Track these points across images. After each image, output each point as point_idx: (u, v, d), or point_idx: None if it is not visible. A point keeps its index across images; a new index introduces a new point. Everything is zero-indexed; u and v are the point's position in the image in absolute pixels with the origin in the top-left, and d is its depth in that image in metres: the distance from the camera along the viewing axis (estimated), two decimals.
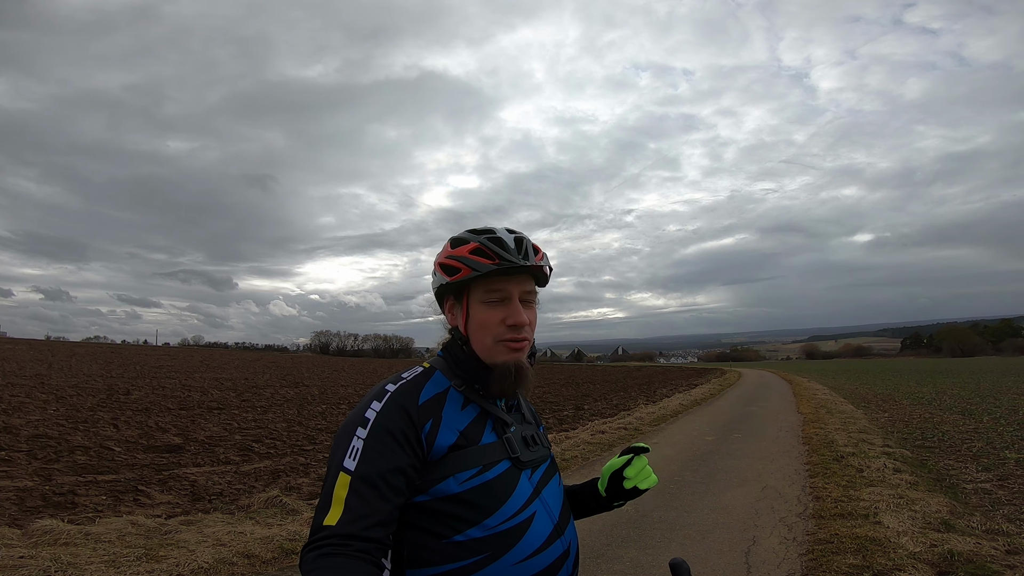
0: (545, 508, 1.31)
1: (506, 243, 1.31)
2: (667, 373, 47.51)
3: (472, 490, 1.23)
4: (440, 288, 1.37)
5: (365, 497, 1.13)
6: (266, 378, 31.58)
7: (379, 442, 1.18)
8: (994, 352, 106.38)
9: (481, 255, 1.30)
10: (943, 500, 6.09)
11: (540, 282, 1.40)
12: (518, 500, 1.26)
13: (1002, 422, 12.24)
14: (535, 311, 1.38)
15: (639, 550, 4.90)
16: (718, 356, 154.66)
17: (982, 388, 22.27)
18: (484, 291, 1.31)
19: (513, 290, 1.32)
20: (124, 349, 73.04)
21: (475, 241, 1.32)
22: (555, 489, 1.37)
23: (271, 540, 4.96)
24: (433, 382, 1.32)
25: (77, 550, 4.51)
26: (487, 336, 1.31)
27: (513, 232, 1.36)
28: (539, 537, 1.26)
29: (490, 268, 1.28)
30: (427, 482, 1.22)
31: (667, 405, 17.74)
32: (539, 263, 1.34)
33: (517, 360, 1.31)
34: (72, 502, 6.28)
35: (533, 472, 1.34)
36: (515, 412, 1.41)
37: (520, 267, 1.30)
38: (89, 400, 16.62)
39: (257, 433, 11.84)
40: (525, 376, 1.32)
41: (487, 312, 1.31)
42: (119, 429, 11.55)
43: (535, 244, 1.37)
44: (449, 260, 1.33)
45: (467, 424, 1.29)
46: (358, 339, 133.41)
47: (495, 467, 1.27)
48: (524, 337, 1.32)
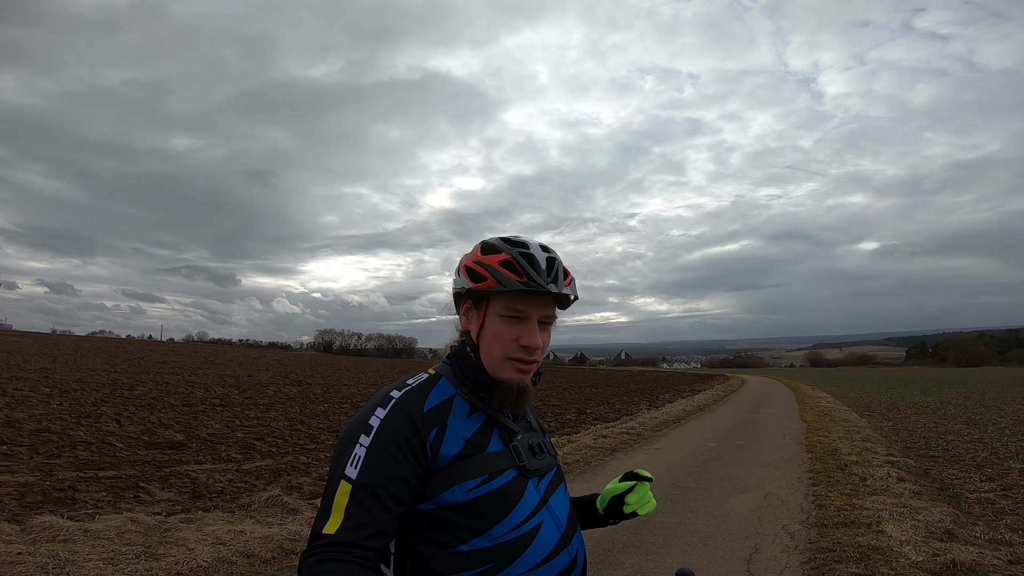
0: (552, 517, 1.29)
1: (538, 263, 1.27)
2: (670, 378, 47.38)
3: (478, 499, 1.20)
4: (463, 291, 1.33)
5: (366, 506, 1.12)
6: (269, 376, 31.65)
7: (382, 450, 1.16)
8: (1000, 362, 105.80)
9: (511, 270, 1.25)
10: (946, 510, 6.04)
11: (562, 305, 1.36)
12: (525, 509, 1.24)
13: (1007, 432, 12.16)
14: (550, 334, 1.35)
15: (641, 556, 4.87)
16: (722, 362, 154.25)
17: (987, 398, 22.13)
18: (504, 306, 1.28)
19: (534, 312, 1.28)
20: (129, 344, 73.38)
21: (507, 253, 1.27)
22: (562, 498, 1.35)
23: (271, 539, 4.95)
24: (439, 389, 1.29)
25: (76, 547, 4.50)
26: (497, 350, 1.28)
27: (547, 251, 1.31)
28: (546, 546, 1.24)
29: (517, 287, 1.24)
30: (432, 490, 1.19)
31: (670, 410, 17.69)
32: (566, 290, 1.30)
33: (522, 381, 1.29)
34: (72, 498, 6.29)
35: (540, 481, 1.32)
36: (521, 421, 1.38)
37: (547, 292, 1.26)
38: (93, 395, 16.68)
39: (259, 431, 11.85)
40: (526, 397, 1.30)
41: (503, 327, 1.28)
42: (121, 425, 11.58)
43: (566, 268, 1.33)
44: (476, 266, 1.29)
45: (473, 432, 1.26)
46: (361, 338, 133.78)
47: (501, 475, 1.25)
48: (534, 360, 1.30)
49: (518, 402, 1.29)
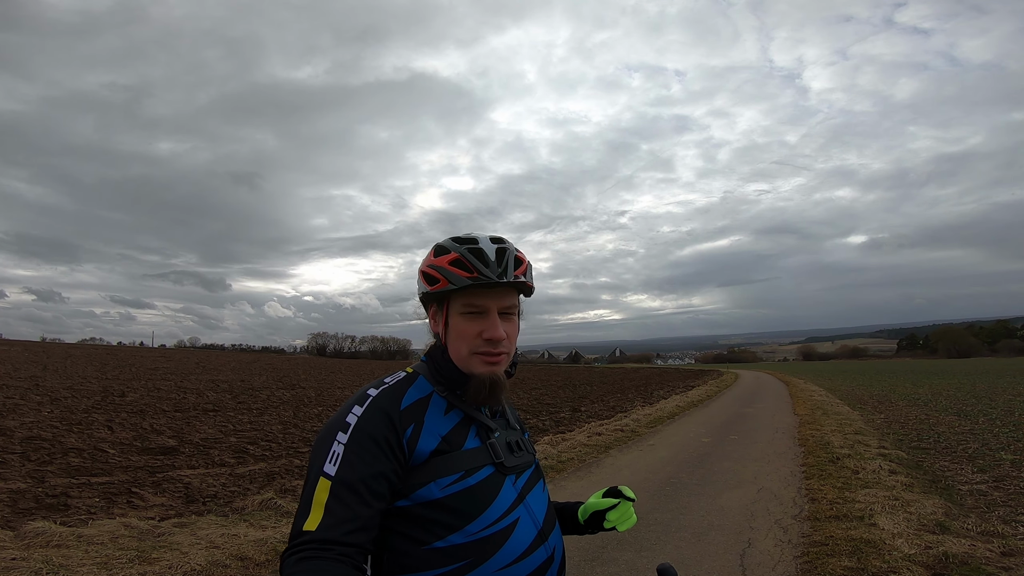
0: (529, 514, 1.30)
1: (487, 256, 1.29)
2: (664, 375, 47.54)
3: (454, 495, 1.22)
4: (422, 296, 1.38)
5: (346, 502, 1.13)
6: (262, 380, 31.49)
7: (360, 447, 1.18)
8: (990, 353, 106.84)
9: (460, 267, 1.29)
10: (938, 502, 6.09)
11: (525, 292, 1.38)
12: (501, 505, 1.26)
13: (998, 423, 12.27)
14: (515, 324, 1.37)
15: (634, 552, 4.89)
16: (715, 357, 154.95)
17: (977, 389, 22.33)
18: (463, 303, 1.31)
19: (492, 305, 1.30)
20: (120, 351, 72.77)
21: (456, 252, 1.31)
22: (540, 495, 1.37)
23: (265, 542, 4.94)
24: (416, 387, 1.31)
25: (69, 552, 4.48)
26: (463, 347, 1.31)
27: (498, 242, 1.33)
28: (522, 543, 1.26)
29: (467, 283, 1.27)
30: (409, 487, 1.21)
31: (664, 407, 17.74)
32: (518, 278, 1.31)
33: (493, 373, 1.31)
34: (65, 504, 6.25)
35: (517, 478, 1.33)
36: (499, 418, 1.40)
37: (497, 283, 1.29)
38: (84, 402, 16.54)
39: (252, 435, 11.79)
40: (499, 389, 1.32)
41: (464, 324, 1.31)
42: (113, 431, 11.49)
43: (519, 255, 1.35)
44: (430, 269, 1.33)
45: (450, 429, 1.28)
46: (355, 341, 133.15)
47: (478, 472, 1.27)
48: (500, 351, 1.32)
49: (492, 395, 1.31)
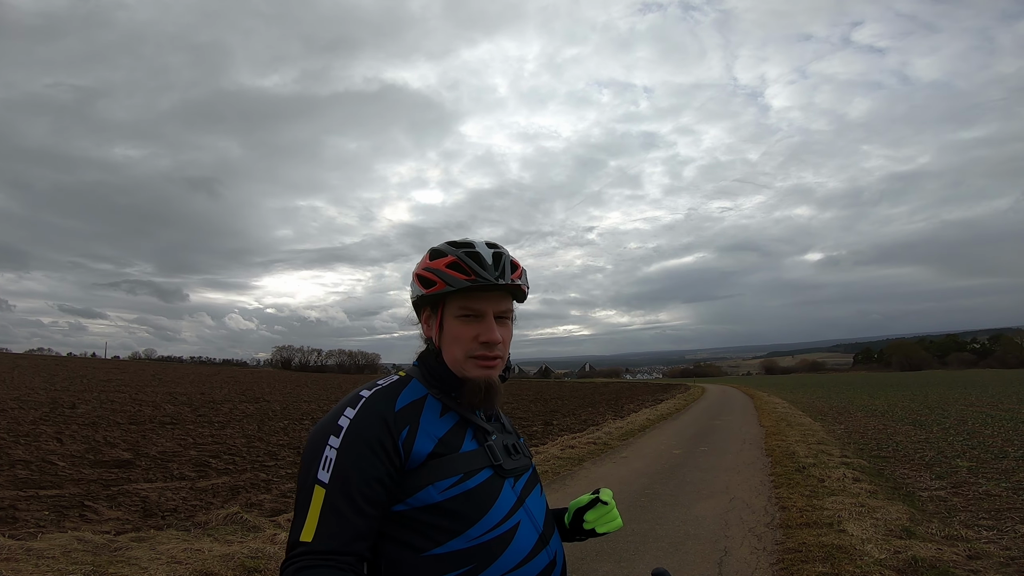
0: (530, 517, 1.27)
1: (484, 259, 1.29)
2: (634, 389, 47.96)
3: (453, 499, 1.18)
4: (417, 299, 1.36)
5: (341, 511, 1.09)
6: (224, 393, 30.51)
7: (354, 451, 1.14)
8: (940, 366, 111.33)
9: (457, 270, 1.27)
10: (902, 508, 6.26)
11: (518, 298, 1.38)
12: (501, 509, 1.22)
13: (951, 432, 12.76)
14: (510, 328, 1.36)
15: (614, 563, 4.86)
16: (682, 372, 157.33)
17: (930, 400, 23.22)
18: (459, 306, 1.29)
19: (488, 308, 1.29)
20: (70, 362, 69.61)
21: (453, 255, 1.29)
22: (538, 499, 1.34)
23: (232, 557, 4.72)
24: (410, 389, 1.28)
25: (19, 565, 4.21)
26: (459, 350, 1.29)
27: (493, 247, 1.33)
28: (524, 547, 1.22)
29: (464, 284, 1.26)
30: (405, 491, 1.17)
31: (635, 420, 17.87)
32: (515, 281, 1.31)
33: (488, 377, 1.29)
34: (13, 517, 5.90)
35: (516, 481, 1.30)
36: (495, 422, 1.38)
37: (495, 285, 1.27)
38: (31, 413, 15.72)
39: (214, 448, 11.37)
40: (495, 393, 1.30)
41: (460, 327, 1.29)
42: (63, 443, 10.93)
43: (515, 260, 1.35)
44: (426, 272, 1.31)
45: (446, 431, 1.25)
46: (322, 354, 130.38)
47: (477, 475, 1.23)
48: (496, 355, 1.30)
49: (488, 399, 1.29)
